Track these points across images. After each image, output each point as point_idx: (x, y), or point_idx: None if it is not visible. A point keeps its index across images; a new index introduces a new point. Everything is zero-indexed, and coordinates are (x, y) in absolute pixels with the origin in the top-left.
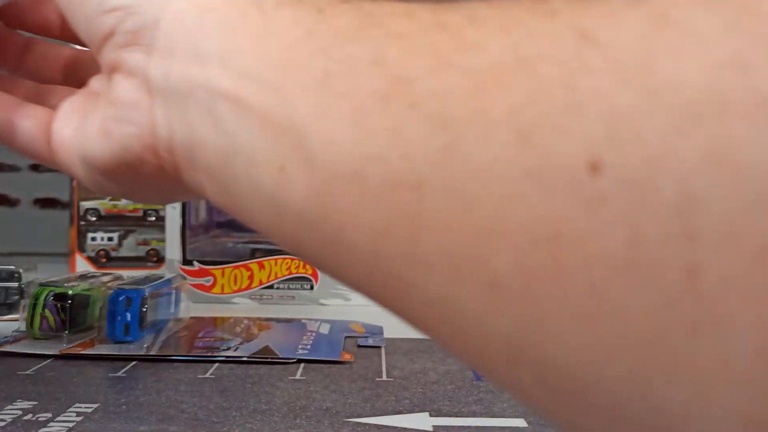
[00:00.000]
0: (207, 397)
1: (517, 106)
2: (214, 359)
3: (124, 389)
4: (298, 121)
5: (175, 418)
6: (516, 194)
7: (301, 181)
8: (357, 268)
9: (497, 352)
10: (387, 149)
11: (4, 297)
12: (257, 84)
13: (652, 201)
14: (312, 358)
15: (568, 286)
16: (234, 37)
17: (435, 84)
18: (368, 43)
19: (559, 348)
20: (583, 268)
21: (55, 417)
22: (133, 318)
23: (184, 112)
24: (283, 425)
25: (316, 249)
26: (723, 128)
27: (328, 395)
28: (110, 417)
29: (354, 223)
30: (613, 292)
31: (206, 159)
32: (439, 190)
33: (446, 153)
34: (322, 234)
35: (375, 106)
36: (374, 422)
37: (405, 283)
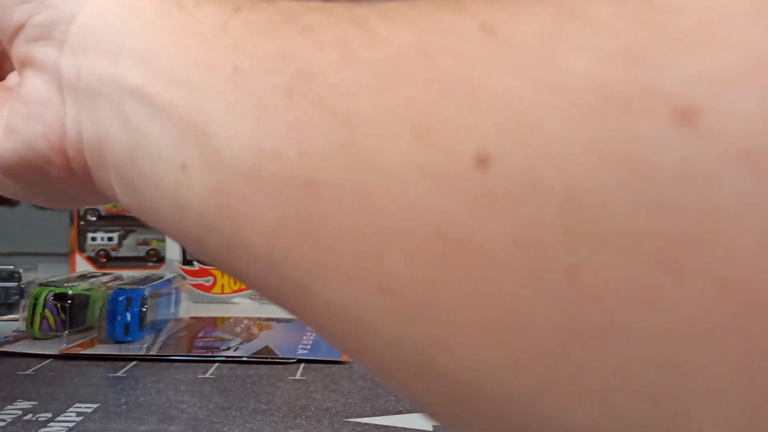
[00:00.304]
0: (207, 397)
1: (415, 101)
2: (214, 359)
3: (124, 389)
4: (204, 118)
5: (175, 418)
6: (410, 192)
7: (202, 180)
8: (256, 272)
9: (404, 366)
10: (285, 145)
11: (4, 297)
12: (167, 80)
13: (536, 197)
14: (312, 358)
15: (462, 289)
16: (152, 35)
17: (339, 78)
18: (278, 38)
19: (464, 361)
20: (474, 268)
21: (55, 417)
22: (133, 318)
23: (94, 110)
24: (283, 425)
25: (216, 252)
26: (606, 124)
27: (328, 395)
28: (110, 417)
29: (250, 223)
30: (507, 296)
31: (114, 157)
32: (336, 188)
33: (345, 150)
34: (220, 236)
35: (278, 101)
36: (374, 422)
37: (303, 289)
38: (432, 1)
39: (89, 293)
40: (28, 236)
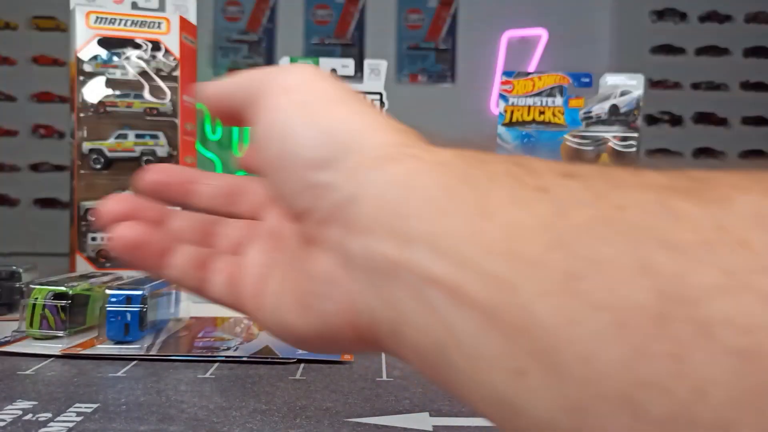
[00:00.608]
0: (207, 397)
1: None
2: (214, 359)
3: (124, 389)
4: (538, 325)
5: (175, 418)
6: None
7: (548, 391)
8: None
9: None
10: (671, 380)
11: (4, 297)
12: (478, 275)
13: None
14: (312, 357)
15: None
16: (443, 217)
17: (731, 308)
18: (622, 243)
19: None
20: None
21: (55, 417)
22: (133, 318)
23: (387, 293)
24: (283, 425)
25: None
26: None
27: (328, 395)
28: (110, 417)
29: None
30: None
31: (415, 342)
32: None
33: (758, 395)
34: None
35: (647, 324)
36: (374, 422)
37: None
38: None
39: (89, 293)
40: (28, 236)
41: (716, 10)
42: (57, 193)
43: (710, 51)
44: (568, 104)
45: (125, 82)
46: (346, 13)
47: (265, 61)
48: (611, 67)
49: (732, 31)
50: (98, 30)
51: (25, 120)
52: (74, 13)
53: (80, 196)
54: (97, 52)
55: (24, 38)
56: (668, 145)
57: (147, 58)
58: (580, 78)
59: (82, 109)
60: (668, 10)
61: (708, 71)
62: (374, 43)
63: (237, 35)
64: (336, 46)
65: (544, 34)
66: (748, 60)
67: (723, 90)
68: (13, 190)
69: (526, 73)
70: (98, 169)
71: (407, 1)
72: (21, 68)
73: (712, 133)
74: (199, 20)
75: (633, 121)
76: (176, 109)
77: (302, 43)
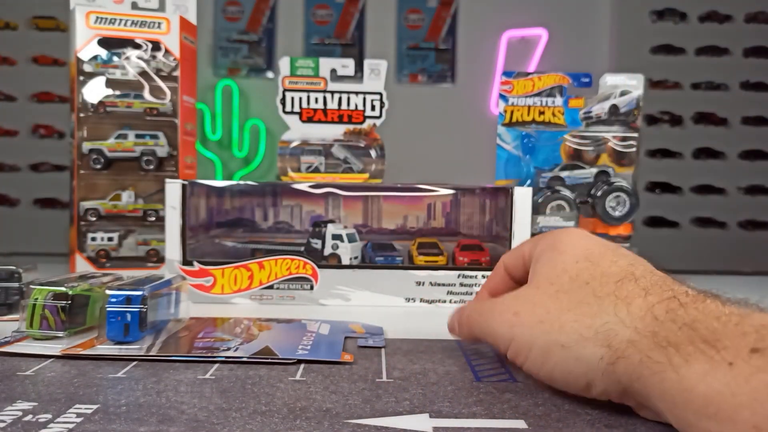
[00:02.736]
0: (207, 398)
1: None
2: (214, 360)
3: (124, 390)
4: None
5: (176, 419)
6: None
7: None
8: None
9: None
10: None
11: (4, 297)
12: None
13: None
14: (312, 358)
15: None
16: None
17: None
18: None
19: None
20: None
21: (55, 418)
22: (133, 318)
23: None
24: (283, 426)
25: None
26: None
27: (328, 396)
28: (110, 418)
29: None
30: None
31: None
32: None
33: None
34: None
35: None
36: (374, 423)
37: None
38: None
39: (89, 293)
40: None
41: (716, 10)
42: (57, 193)
43: (710, 51)
44: (568, 104)
45: (125, 82)
46: (346, 13)
47: (265, 61)
48: (611, 67)
49: (732, 31)
50: (98, 30)
51: (25, 120)
52: (74, 13)
53: (80, 196)
54: (97, 52)
55: (24, 38)
56: (668, 145)
57: (147, 58)
58: (580, 78)
59: (82, 109)
60: (668, 10)
61: (708, 71)
62: (374, 43)
63: (237, 35)
64: (336, 46)
65: (544, 34)
66: (748, 60)
67: (723, 90)
68: (13, 190)
69: (526, 73)
70: (98, 169)
71: (407, 1)
72: (21, 68)
73: (712, 133)
74: (199, 20)
75: (633, 121)
76: (176, 109)
77: (302, 43)
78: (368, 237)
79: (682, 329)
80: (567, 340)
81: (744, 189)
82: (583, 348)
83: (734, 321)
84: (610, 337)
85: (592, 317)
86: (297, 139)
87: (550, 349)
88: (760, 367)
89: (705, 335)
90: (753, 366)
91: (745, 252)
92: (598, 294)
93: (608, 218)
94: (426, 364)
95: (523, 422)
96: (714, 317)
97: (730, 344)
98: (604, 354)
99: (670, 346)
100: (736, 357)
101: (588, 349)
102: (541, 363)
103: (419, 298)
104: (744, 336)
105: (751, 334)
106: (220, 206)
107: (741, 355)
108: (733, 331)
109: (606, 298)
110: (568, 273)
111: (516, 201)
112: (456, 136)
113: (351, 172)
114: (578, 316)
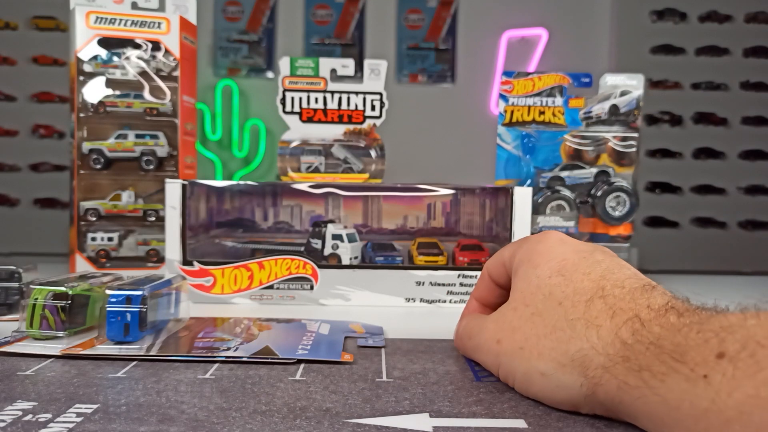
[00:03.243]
0: (207, 398)
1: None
2: (214, 360)
3: (124, 390)
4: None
5: (175, 418)
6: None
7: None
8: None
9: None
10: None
11: (4, 297)
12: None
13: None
14: (312, 358)
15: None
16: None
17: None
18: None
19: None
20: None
21: (55, 418)
22: (133, 318)
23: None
24: (283, 426)
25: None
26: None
27: (328, 396)
28: (110, 418)
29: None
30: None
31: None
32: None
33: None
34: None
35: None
36: (374, 423)
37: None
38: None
39: (89, 293)
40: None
41: (716, 10)
42: (57, 193)
43: (710, 51)
44: (568, 104)
45: (125, 82)
46: (346, 13)
47: (265, 61)
48: (611, 67)
49: (732, 31)
50: (98, 30)
51: (25, 120)
52: (74, 13)
53: (80, 196)
54: (97, 52)
55: (24, 38)
56: (668, 145)
57: (147, 58)
58: (580, 78)
59: (82, 109)
60: (668, 10)
61: (708, 71)
62: (374, 43)
63: (237, 35)
64: (336, 46)
65: (544, 34)
66: (748, 60)
67: (723, 90)
68: (13, 190)
69: (526, 73)
70: (98, 169)
71: (407, 1)
72: (21, 68)
73: (712, 133)
74: (199, 20)
75: (633, 121)
76: (176, 109)
77: (302, 43)
78: (368, 237)
79: (650, 349)
80: (546, 368)
81: (744, 189)
82: (562, 375)
83: (695, 330)
84: (585, 364)
85: (567, 343)
86: (297, 139)
87: (532, 376)
88: (734, 375)
89: (671, 351)
90: (726, 375)
91: (745, 252)
92: (570, 317)
93: (608, 218)
94: (426, 364)
95: (523, 422)
96: (675, 330)
97: (696, 355)
98: (582, 382)
99: (643, 370)
100: (706, 367)
101: (566, 376)
102: (527, 388)
103: (419, 298)
104: (706, 343)
105: (712, 339)
106: (220, 206)
107: (709, 364)
108: (696, 341)
109: (577, 322)
110: (541, 290)
111: (516, 201)
112: (456, 136)
113: (351, 172)
114: (554, 343)
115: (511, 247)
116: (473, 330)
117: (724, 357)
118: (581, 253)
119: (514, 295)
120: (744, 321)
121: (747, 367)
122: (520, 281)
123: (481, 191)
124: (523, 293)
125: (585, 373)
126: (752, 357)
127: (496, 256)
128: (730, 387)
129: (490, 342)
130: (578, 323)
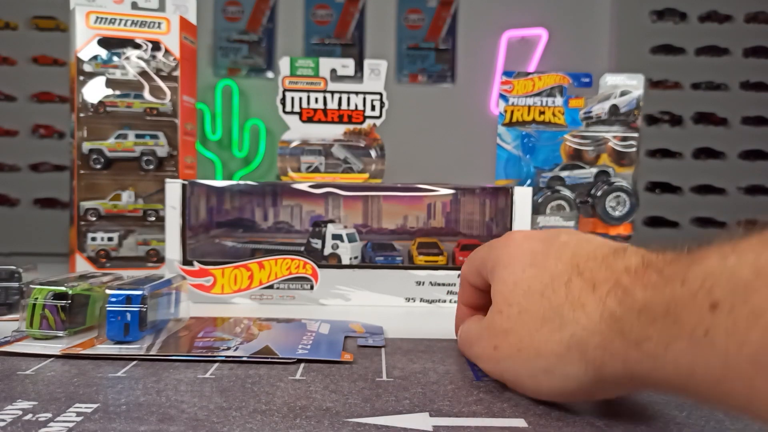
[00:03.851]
0: (207, 398)
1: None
2: (214, 359)
3: (124, 389)
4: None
5: (175, 418)
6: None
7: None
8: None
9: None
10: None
11: (4, 297)
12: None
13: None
14: (312, 358)
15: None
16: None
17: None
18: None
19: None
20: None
21: (55, 417)
22: (133, 318)
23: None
24: (283, 425)
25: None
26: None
27: (328, 395)
28: (110, 417)
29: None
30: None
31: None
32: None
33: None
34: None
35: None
36: (374, 422)
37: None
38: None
39: (89, 293)
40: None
41: (716, 10)
42: (57, 193)
43: (710, 51)
44: (568, 104)
45: (125, 82)
46: (346, 13)
47: (265, 61)
48: (611, 67)
49: (732, 31)
50: (98, 30)
51: (25, 120)
52: (74, 13)
53: (80, 196)
54: (97, 52)
55: (24, 38)
56: (668, 145)
57: (147, 58)
58: (580, 78)
59: (82, 109)
60: (668, 10)
61: (708, 71)
62: (374, 43)
63: (237, 35)
64: (336, 46)
65: (544, 34)
66: (748, 60)
67: (723, 90)
68: (13, 190)
69: (526, 73)
70: (98, 169)
71: (407, 1)
72: (21, 68)
73: (712, 133)
74: (199, 20)
75: (633, 121)
76: (176, 109)
77: (302, 43)
78: (368, 237)
79: (641, 317)
80: (547, 364)
81: (744, 189)
82: (564, 367)
83: (679, 283)
84: (582, 347)
85: (559, 332)
86: (297, 139)
87: (537, 375)
88: (735, 328)
89: (663, 315)
90: (727, 330)
91: None
92: (554, 304)
93: (608, 218)
94: (426, 364)
95: (523, 421)
96: (660, 289)
97: (690, 314)
98: (585, 367)
99: (642, 342)
100: (703, 324)
101: (568, 366)
102: (535, 389)
103: (419, 297)
104: (694, 298)
105: (699, 291)
106: (220, 206)
107: (706, 319)
108: (683, 296)
109: (563, 307)
110: (519, 286)
111: (516, 201)
112: (456, 136)
113: (351, 172)
114: (547, 335)
115: (480, 253)
116: (471, 336)
117: (718, 307)
118: (547, 240)
119: (496, 299)
120: (724, 262)
121: (745, 316)
122: (498, 284)
123: (481, 191)
124: (503, 294)
125: (584, 357)
126: (746, 303)
127: (469, 262)
128: (737, 342)
129: (488, 350)
130: (564, 308)
